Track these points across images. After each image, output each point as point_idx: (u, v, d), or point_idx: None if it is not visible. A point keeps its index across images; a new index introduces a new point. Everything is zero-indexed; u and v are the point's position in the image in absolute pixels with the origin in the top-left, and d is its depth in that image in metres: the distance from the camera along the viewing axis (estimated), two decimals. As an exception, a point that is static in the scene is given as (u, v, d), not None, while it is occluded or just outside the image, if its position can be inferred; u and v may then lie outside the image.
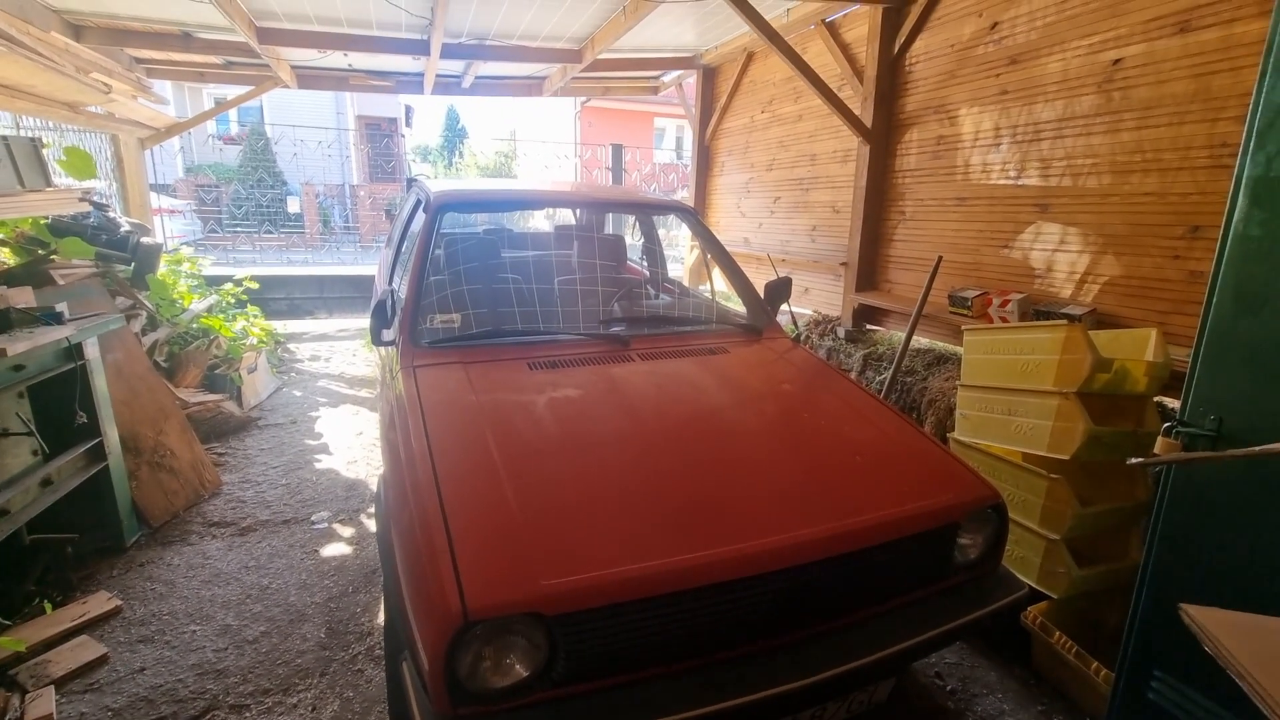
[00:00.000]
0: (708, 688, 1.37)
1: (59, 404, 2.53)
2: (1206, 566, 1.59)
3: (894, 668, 1.62)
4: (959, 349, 3.47)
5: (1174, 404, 2.48)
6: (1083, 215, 2.93)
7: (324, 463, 3.81)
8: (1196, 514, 1.60)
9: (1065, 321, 2.27)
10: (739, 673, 1.41)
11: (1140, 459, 1.50)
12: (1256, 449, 1.23)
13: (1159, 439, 1.68)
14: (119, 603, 2.46)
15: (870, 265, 4.24)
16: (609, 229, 4.51)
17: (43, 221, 3.33)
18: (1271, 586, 1.46)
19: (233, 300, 5.44)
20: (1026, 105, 3.15)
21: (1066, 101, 2.97)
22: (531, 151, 14.43)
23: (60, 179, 3.56)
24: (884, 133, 4.03)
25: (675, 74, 6.96)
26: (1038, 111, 3.10)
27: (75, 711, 1.98)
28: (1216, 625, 0.98)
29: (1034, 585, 2.20)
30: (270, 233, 11.29)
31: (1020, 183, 3.22)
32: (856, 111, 4.06)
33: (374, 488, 3.50)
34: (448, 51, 5.28)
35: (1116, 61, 2.76)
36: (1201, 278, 2.48)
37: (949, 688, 2.21)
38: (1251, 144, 1.47)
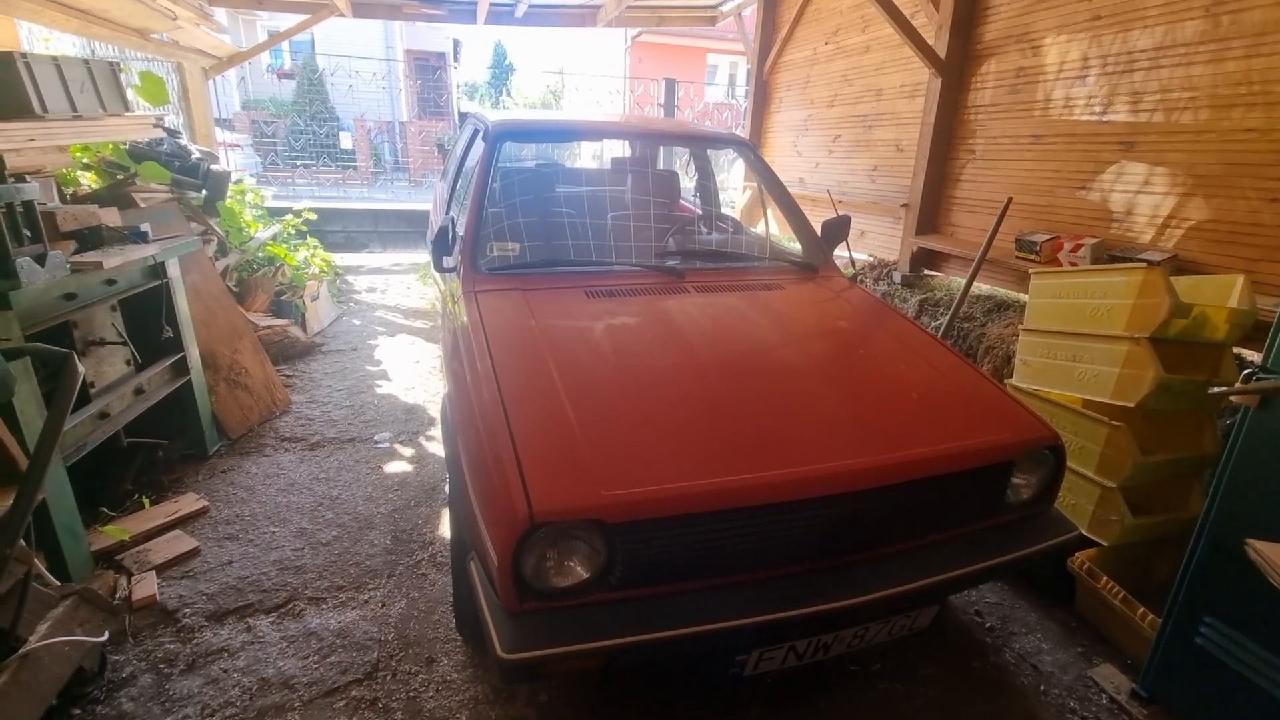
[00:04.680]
0: (755, 601, 1.44)
1: (145, 320, 2.70)
2: (1273, 517, 1.56)
3: (937, 596, 1.66)
4: (1021, 296, 3.36)
5: (1254, 356, 2.36)
6: (1172, 154, 2.74)
7: (384, 388, 3.99)
8: (1268, 464, 1.55)
9: (1143, 265, 2.17)
10: (787, 589, 1.47)
11: (1223, 388, 1.45)
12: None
13: (1238, 385, 1.62)
14: (206, 503, 2.68)
15: (933, 207, 4.08)
16: (662, 166, 4.43)
17: (122, 147, 3.47)
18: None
19: (294, 231, 5.61)
20: (1121, 32, 2.92)
21: (1167, 28, 2.73)
22: (581, 86, 14.09)
23: (136, 106, 3.69)
24: (958, 64, 3.80)
25: (735, 2, 6.64)
26: (1133, 39, 2.87)
27: (175, 594, 2.21)
28: (1284, 559, 0.97)
29: (1084, 532, 2.19)
30: (326, 166, 11.47)
31: (1105, 119, 3.01)
32: (930, 41, 3.82)
33: (432, 413, 3.66)
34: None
35: (1230, -19, 2.51)
36: (1301, 223, 2.32)
37: (988, 625, 2.25)
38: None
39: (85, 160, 3.40)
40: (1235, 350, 2.27)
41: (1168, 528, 2.17)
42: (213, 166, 4.17)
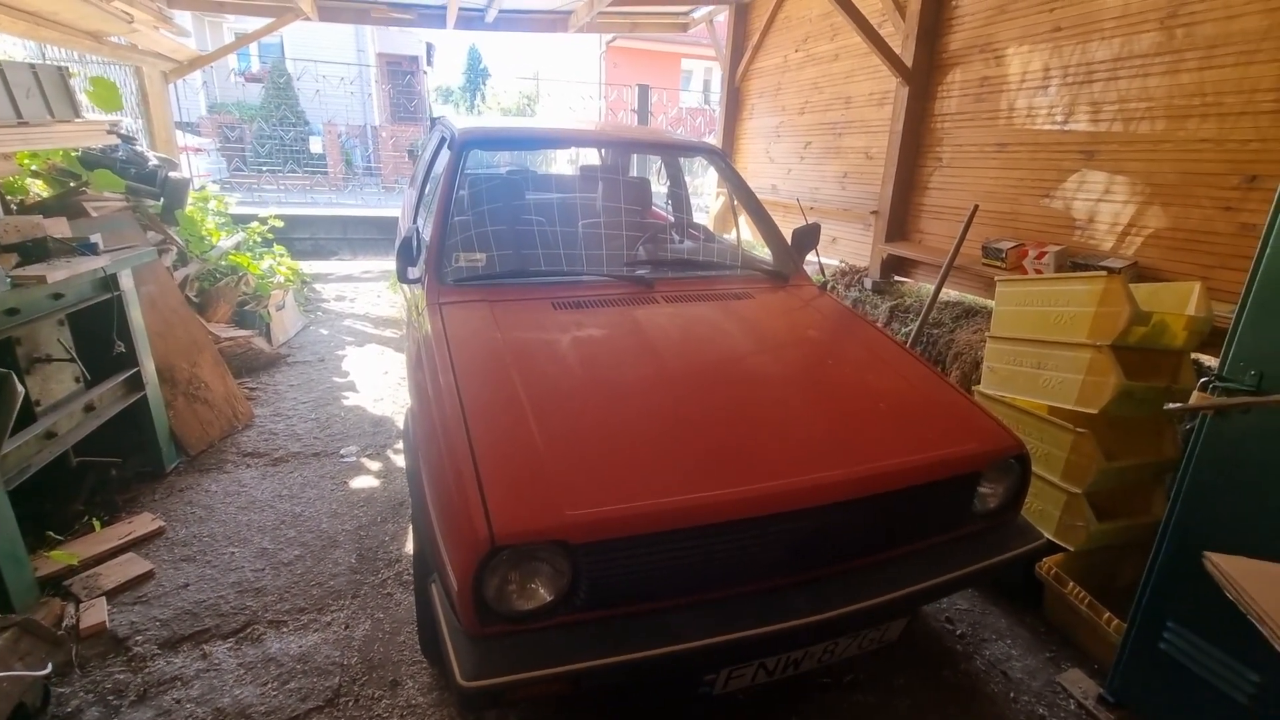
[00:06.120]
0: (723, 619, 1.41)
1: (97, 334, 2.60)
2: (1232, 522, 1.58)
3: (906, 608, 1.66)
4: (989, 302, 3.40)
5: (1212, 362, 2.41)
6: (1131, 163, 2.80)
7: (351, 399, 3.90)
8: (1227, 470, 1.58)
9: (1104, 273, 2.20)
10: (754, 606, 1.45)
11: (1177, 405, 1.47)
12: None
13: (1194, 394, 1.65)
14: (162, 524, 2.59)
15: (902, 214, 4.12)
16: (634, 173, 4.42)
17: (73, 154, 3.35)
18: (1298, 543, 1.45)
19: (259, 239, 5.48)
20: (1080, 43, 2.97)
21: (1124, 39, 2.79)
22: (555, 92, 14.07)
23: (88, 112, 3.57)
24: (925, 73, 3.85)
25: (707, 9, 6.66)
26: (1092, 50, 2.93)
27: (126, 621, 2.11)
28: (1240, 572, 0.98)
29: (1051, 538, 2.21)
30: (294, 172, 11.25)
31: (1067, 128, 3.07)
32: (897, 50, 3.87)
33: (400, 424, 3.58)
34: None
35: (1183, -5, 2.57)
36: (1254, 231, 2.38)
37: (959, 632, 2.26)
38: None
39: (34, 168, 3.28)
40: (1194, 356, 2.32)
41: (1132, 532, 2.20)
42: (171, 173, 4.04)
